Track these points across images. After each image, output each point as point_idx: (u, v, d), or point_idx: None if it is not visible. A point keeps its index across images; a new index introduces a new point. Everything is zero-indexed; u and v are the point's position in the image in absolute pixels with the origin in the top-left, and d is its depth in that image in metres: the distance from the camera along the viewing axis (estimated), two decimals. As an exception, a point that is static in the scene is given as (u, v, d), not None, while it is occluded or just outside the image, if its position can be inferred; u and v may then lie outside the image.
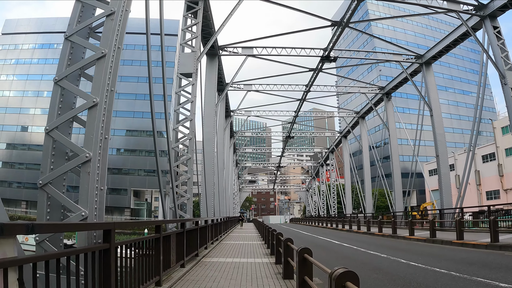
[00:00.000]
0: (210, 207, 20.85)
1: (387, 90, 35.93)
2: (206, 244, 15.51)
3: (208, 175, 21.15)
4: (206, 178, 20.08)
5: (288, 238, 8.76)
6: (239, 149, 57.05)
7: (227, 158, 36.06)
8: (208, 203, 20.18)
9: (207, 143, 22.20)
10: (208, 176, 21.04)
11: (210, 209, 20.93)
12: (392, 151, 34.65)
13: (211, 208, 21.04)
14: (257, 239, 23.09)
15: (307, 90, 34.09)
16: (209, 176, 21.16)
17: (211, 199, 21.09)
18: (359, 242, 20.98)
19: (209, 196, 20.65)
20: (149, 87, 9.09)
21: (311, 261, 5.75)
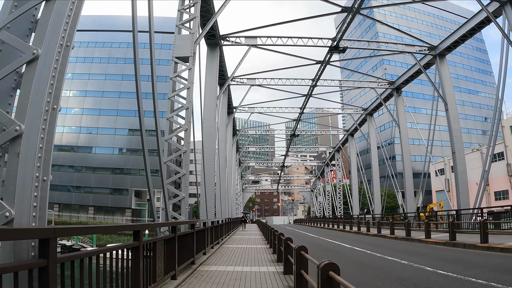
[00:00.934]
0: (210, 208, 19.20)
1: (397, 84, 34.19)
2: (205, 249, 13.86)
3: (208, 173, 19.50)
4: (205, 176, 18.43)
5: (302, 246, 7.07)
6: (242, 148, 55.33)
7: (229, 156, 34.42)
8: (208, 204, 18.53)
9: (207, 139, 20.55)
10: (208, 174, 19.40)
11: (211, 210, 19.27)
12: (403, 150, 32.89)
13: (211, 209, 19.37)
14: (261, 241, 21.40)
15: (313, 85, 32.39)
16: (209, 174, 19.52)
17: (211, 199, 19.45)
18: (371, 246, 19.29)
19: (209, 196, 19.02)
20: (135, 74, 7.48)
21: (339, 280, 4.06)
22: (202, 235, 13.53)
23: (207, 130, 20.93)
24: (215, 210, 25.00)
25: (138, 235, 5.65)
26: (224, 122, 29.76)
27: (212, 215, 19.51)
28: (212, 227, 16.65)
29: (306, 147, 75.00)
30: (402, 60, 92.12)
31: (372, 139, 40.81)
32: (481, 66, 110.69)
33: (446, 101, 26.48)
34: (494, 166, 65.77)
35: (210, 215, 18.94)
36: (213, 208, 19.53)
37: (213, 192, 19.63)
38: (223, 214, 27.54)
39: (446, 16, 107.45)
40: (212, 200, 19.63)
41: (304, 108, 38.73)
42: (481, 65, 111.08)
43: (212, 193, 19.61)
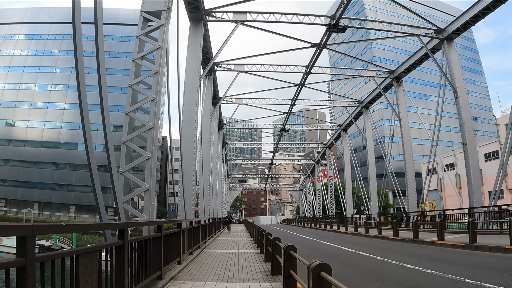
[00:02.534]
0: (190, 206, 16.19)
1: (397, 73, 31.54)
2: (179, 257, 10.86)
3: (188, 165, 16.49)
4: (184, 168, 15.45)
5: (322, 264, 4.17)
6: (228, 143, 52.25)
7: (214, 149, 31.36)
8: (186, 201, 15.51)
9: (187, 125, 17.52)
10: (187, 166, 16.39)
11: (191, 208, 16.26)
12: (405, 144, 30.24)
13: (191, 207, 16.36)
14: (250, 245, 18.45)
15: (307, 72, 29.55)
16: (188, 166, 16.51)
17: (191, 195, 16.42)
18: (379, 250, 16.49)
19: (188, 192, 16.02)
20: None
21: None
22: (176, 240, 10.56)
23: (187, 115, 17.89)
24: (196, 209, 22.00)
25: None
26: (209, 111, 26.74)
27: (192, 215, 16.48)
28: (191, 229, 13.64)
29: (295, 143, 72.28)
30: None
31: (368, 135, 38.12)
32: (471, 65, 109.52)
33: (456, 88, 23.87)
34: (489, 165, 64.08)
35: (189, 215, 15.91)
36: (193, 206, 16.48)
37: (193, 187, 16.56)
38: (208, 213, 24.52)
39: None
40: (193, 197, 16.58)
41: (295, 100, 35.90)
42: (472, 65, 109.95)
43: (192, 188, 16.55)
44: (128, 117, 9.36)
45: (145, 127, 9.23)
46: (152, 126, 9.15)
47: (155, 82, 9.65)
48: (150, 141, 9.09)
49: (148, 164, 8.86)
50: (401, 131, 30.48)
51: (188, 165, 16.56)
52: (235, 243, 19.70)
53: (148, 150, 9.00)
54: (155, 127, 9.20)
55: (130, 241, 5.91)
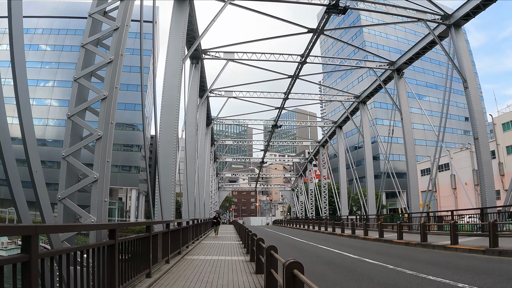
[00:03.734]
0: (168, 205, 13.86)
1: (398, 65, 29.47)
2: (148, 268, 8.56)
3: (165, 158, 14.16)
4: (160, 162, 13.11)
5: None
6: (217, 140, 49.80)
7: (202, 146, 29.03)
8: (164, 198, 13.19)
9: (167, 111, 15.20)
10: (165, 159, 14.05)
11: (169, 207, 13.93)
12: (407, 140, 28.13)
13: (170, 206, 14.02)
14: (238, 250, 16.14)
15: (302, 61, 27.33)
16: (166, 159, 14.17)
17: (169, 193, 14.09)
18: (387, 257, 14.39)
19: (166, 188, 13.71)
20: None
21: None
22: (144, 247, 8.27)
23: (168, 100, 15.55)
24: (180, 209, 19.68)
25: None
26: (195, 102, 24.35)
27: (171, 216, 14.13)
28: (167, 233, 11.32)
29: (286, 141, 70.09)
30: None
31: (366, 131, 35.95)
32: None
33: (466, 78, 21.82)
34: (485, 165, 62.35)
35: (167, 215, 13.57)
36: (173, 205, 14.13)
37: (172, 183, 14.20)
38: (192, 214, 22.16)
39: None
40: (172, 195, 14.22)
41: (289, 93, 33.65)
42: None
43: (171, 185, 14.19)
44: (77, 85, 7.02)
45: (98, 97, 6.88)
46: (106, 96, 6.80)
47: (115, 41, 7.31)
48: (102, 115, 6.74)
49: (99, 145, 6.50)
50: (403, 126, 28.38)
51: (166, 157, 14.24)
52: (222, 248, 17.38)
53: (99, 126, 6.65)
54: (112, 98, 6.86)
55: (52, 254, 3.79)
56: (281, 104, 35.94)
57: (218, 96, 33.42)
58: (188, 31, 18.80)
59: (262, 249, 8.53)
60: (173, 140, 14.67)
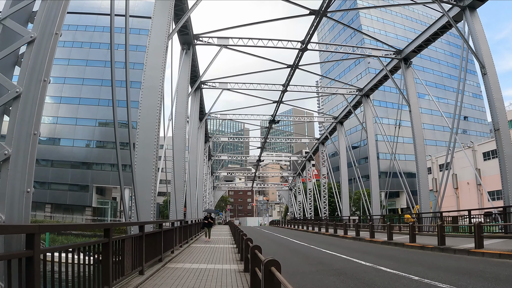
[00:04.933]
0: (147, 202, 11.63)
1: (405, 54, 27.32)
2: (107, 286, 6.36)
3: (144, 148, 11.93)
4: (137, 150, 10.88)
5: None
6: (212, 137, 47.50)
7: (194, 140, 26.79)
8: (141, 198, 10.99)
9: (147, 93, 12.98)
10: (144, 149, 11.83)
11: (148, 205, 11.70)
12: (416, 134, 25.96)
13: (149, 204, 11.79)
14: (231, 255, 13.91)
15: (303, 48, 25.10)
16: (145, 149, 11.94)
17: (147, 191, 11.86)
18: (407, 264, 12.34)
19: (143, 186, 11.48)
20: None
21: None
22: (103, 257, 6.08)
23: (148, 81, 13.32)
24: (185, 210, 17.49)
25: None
26: (185, 90, 22.08)
27: (150, 216, 11.88)
28: (141, 236, 9.09)
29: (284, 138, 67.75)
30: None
31: (369, 127, 33.71)
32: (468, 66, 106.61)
33: (484, 64, 19.72)
34: (488, 165, 60.64)
35: (145, 216, 11.34)
36: (152, 203, 11.87)
37: (151, 178, 11.94)
38: (181, 214, 19.89)
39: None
40: (151, 192, 11.95)
41: (287, 85, 31.41)
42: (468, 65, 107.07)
43: (150, 179, 11.93)
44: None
45: (22, 41, 4.66)
46: (33, 38, 4.59)
47: (42, 11, 5.08)
48: (25, 66, 4.52)
49: (16, 107, 4.28)
50: (411, 119, 26.20)
51: (144, 147, 12.01)
52: (214, 253, 15.14)
53: (19, 82, 4.43)
54: (42, 42, 4.64)
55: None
56: (279, 97, 33.70)
57: (212, 88, 31.17)
58: (176, 1, 16.62)
59: (258, 262, 6.42)
60: (153, 127, 12.42)
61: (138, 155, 11.94)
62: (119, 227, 14.02)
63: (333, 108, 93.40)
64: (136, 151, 12.11)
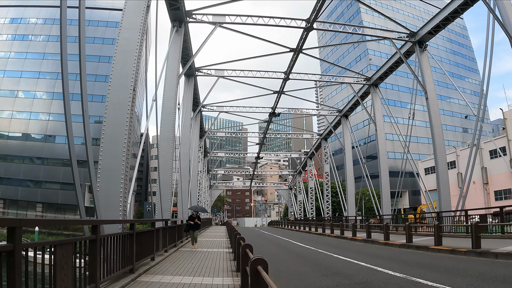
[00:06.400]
0: (113, 200, 8.94)
1: (420, 36, 24.65)
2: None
3: (112, 125, 9.25)
4: (105, 132, 8.22)
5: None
6: (208, 132, 44.64)
7: (186, 128, 24.07)
8: (103, 192, 8.31)
9: (120, 57, 10.30)
10: (112, 127, 9.15)
11: (114, 204, 9.01)
12: (434, 124, 23.29)
13: (116, 203, 9.10)
14: (225, 263, 11.21)
15: (307, 27, 22.40)
16: (113, 128, 9.26)
17: (115, 183, 9.19)
18: (448, 274, 9.68)
19: (109, 176, 8.81)
20: None
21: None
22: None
23: (124, 44, 10.62)
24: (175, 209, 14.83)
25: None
26: (175, 70, 19.29)
27: (118, 215, 9.16)
28: (94, 241, 6.38)
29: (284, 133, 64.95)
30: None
31: (379, 119, 30.96)
32: (467, 63, 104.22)
33: None
34: (495, 163, 58.08)
35: (111, 213, 8.63)
36: (120, 199, 9.15)
37: (121, 163, 9.22)
38: (168, 214, 17.15)
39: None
40: (120, 184, 9.22)
41: (289, 73, 28.69)
42: (468, 62, 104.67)
43: (120, 167, 9.20)
44: None
45: None
46: None
47: None
48: None
49: None
50: (429, 107, 23.53)
51: (114, 124, 9.30)
52: (205, 259, 12.41)
53: None
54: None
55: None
56: (281, 87, 30.96)
57: (207, 75, 28.43)
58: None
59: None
60: (126, 102, 9.71)
61: (105, 136, 9.24)
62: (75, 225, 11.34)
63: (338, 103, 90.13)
64: (104, 131, 9.41)
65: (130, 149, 9.36)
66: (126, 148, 9.23)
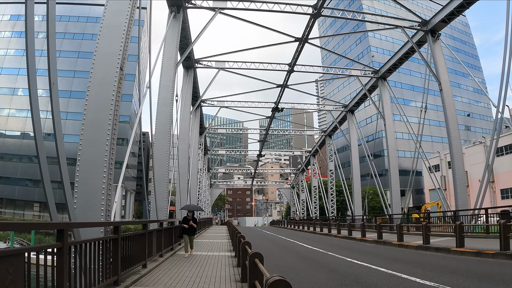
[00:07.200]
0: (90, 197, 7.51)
1: (432, 25, 23.16)
2: None
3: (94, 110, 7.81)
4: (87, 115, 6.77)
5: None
6: (208, 128, 43.14)
7: (185, 122, 22.64)
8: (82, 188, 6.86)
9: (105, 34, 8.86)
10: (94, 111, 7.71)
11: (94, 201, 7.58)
12: (449, 117, 21.82)
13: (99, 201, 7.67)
14: (227, 270, 9.78)
15: (314, 14, 20.93)
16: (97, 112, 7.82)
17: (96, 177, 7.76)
18: (507, 285, 8.17)
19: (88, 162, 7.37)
20: None
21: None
22: None
23: (110, 17, 9.17)
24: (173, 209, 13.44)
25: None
26: (173, 58, 17.82)
27: (98, 213, 7.73)
28: (60, 249, 4.91)
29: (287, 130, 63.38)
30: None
31: (387, 112, 29.46)
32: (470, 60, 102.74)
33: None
34: (501, 161, 56.73)
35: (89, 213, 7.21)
36: (103, 195, 7.72)
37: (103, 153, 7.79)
38: (164, 214, 15.70)
39: None
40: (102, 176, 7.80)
41: (294, 64, 27.22)
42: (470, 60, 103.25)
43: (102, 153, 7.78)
44: None
45: None
46: None
47: None
48: None
49: None
50: (443, 98, 22.07)
51: (97, 108, 7.88)
52: (203, 266, 10.97)
53: None
54: None
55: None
56: (285, 80, 29.48)
57: (207, 67, 26.99)
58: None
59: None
60: (112, 82, 8.28)
61: (86, 120, 7.82)
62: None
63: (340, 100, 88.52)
64: (84, 118, 7.96)
65: (115, 137, 7.96)
66: (110, 135, 7.81)
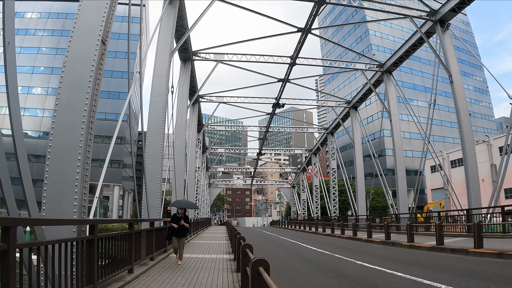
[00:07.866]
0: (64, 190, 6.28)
1: (441, 15, 21.97)
2: None
3: (71, 88, 6.57)
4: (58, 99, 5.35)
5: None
6: (206, 125, 41.90)
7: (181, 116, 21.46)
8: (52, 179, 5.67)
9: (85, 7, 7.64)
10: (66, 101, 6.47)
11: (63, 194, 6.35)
12: (460, 110, 20.63)
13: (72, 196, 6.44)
14: (226, 276, 8.58)
15: (318, 1, 19.74)
16: (73, 91, 6.59)
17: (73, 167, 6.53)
18: None
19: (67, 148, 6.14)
20: None
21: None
22: None
23: None
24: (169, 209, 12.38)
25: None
26: (168, 45, 16.62)
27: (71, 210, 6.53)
28: (5, 252, 3.69)
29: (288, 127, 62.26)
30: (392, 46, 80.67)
31: (393, 108, 28.29)
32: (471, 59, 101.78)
33: None
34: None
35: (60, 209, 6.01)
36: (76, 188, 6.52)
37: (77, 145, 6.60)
38: (157, 213, 14.49)
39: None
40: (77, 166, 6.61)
41: (296, 57, 26.02)
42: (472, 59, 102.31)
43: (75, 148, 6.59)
44: None
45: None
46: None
47: None
48: None
49: None
50: (454, 91, 20.90)
51: (72, 86, 6.70)
52: (197, 272, 9.75)
53: None
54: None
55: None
56: (286, 74, 28.28)
57: (205, 60, 25.81)
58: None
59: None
60: (91, 57, 7.10)
61: (60, 100, 6.62)
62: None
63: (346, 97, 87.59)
64: (57, 97, 6.75)
65: (93, 120, 6.79)
66: (87, 118, 6.63)
